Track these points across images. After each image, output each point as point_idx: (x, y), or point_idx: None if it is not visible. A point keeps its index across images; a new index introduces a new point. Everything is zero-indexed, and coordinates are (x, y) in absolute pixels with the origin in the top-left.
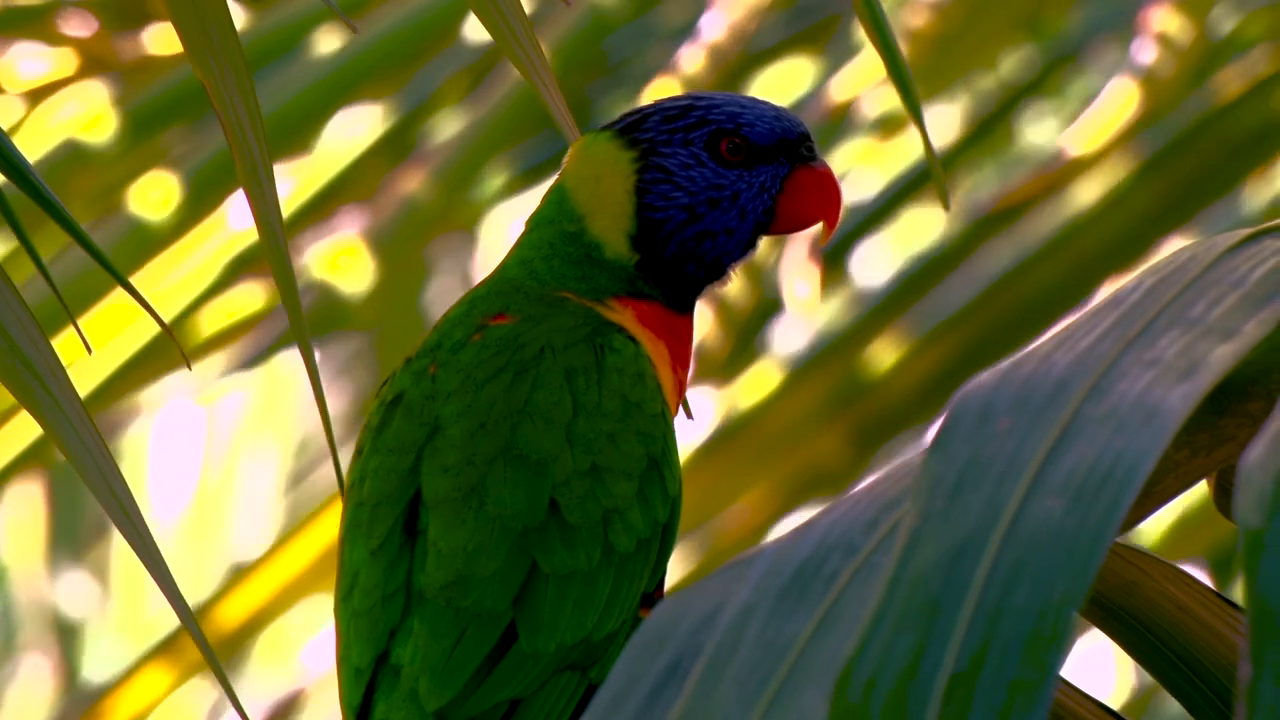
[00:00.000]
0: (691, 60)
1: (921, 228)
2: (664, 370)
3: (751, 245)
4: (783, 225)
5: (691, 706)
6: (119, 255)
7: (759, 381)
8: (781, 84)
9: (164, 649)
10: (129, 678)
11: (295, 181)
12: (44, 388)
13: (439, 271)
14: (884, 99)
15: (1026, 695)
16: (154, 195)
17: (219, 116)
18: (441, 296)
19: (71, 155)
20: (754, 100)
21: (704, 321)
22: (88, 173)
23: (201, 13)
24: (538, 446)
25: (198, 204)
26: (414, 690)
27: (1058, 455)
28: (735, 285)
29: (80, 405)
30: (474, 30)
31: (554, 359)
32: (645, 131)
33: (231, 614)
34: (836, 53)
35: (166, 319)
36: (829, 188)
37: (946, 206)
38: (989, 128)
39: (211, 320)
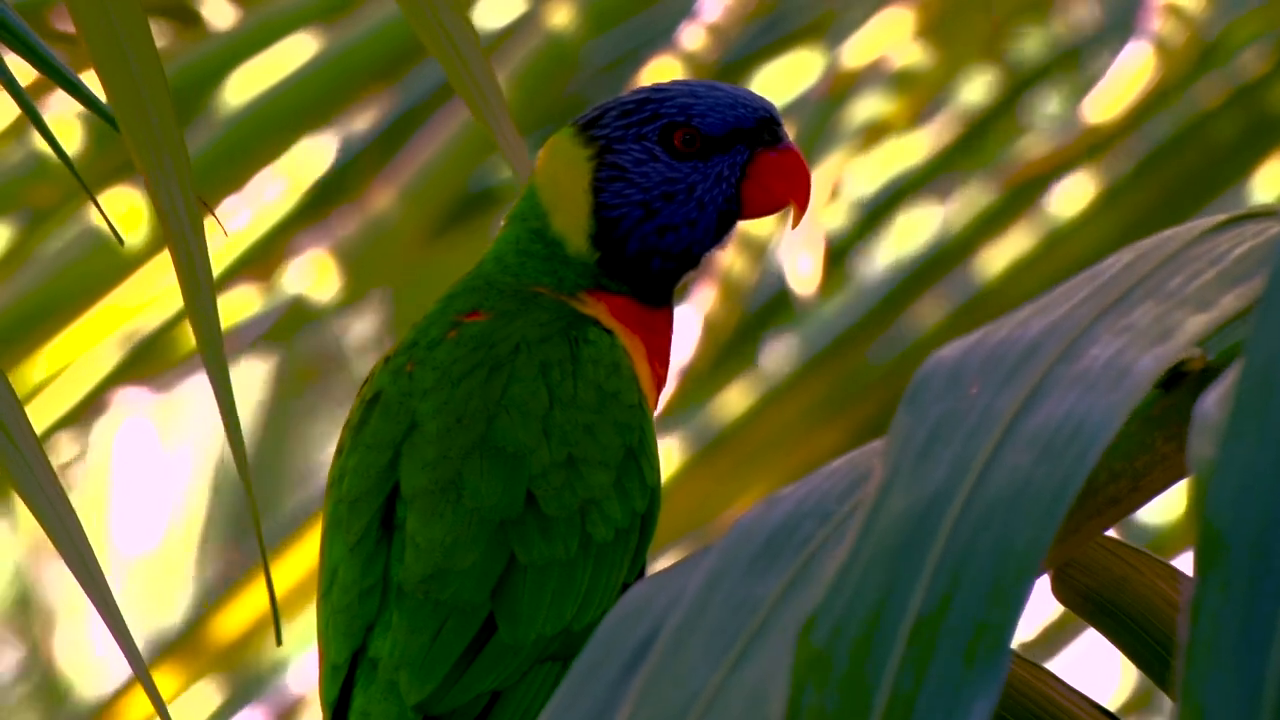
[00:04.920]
0: (691, 43)
1: (923, 222)
2: (641, 364)
3: (722, 234)
4: (751, 211)
5: (659, 666)
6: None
7: (760, 379)
8: (783, 79)
9: (171, 652)
10: (134, 684)
11: (284, 186)
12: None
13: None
14: (884, 96)
15: (991, 636)
16: (124, 209)
17: (142, 174)
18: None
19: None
20: (712, 88)
21: (706, 318)
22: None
23: (128, 69)
24: (514, 439)
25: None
26: (393, 683)
27: (1028, 412)
28: (732, 283)
29: (37, 446)
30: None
31: (529, 353)
32: (602, 128)
33: (246, 612)
34: (834, 46)
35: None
36: (792, 170)
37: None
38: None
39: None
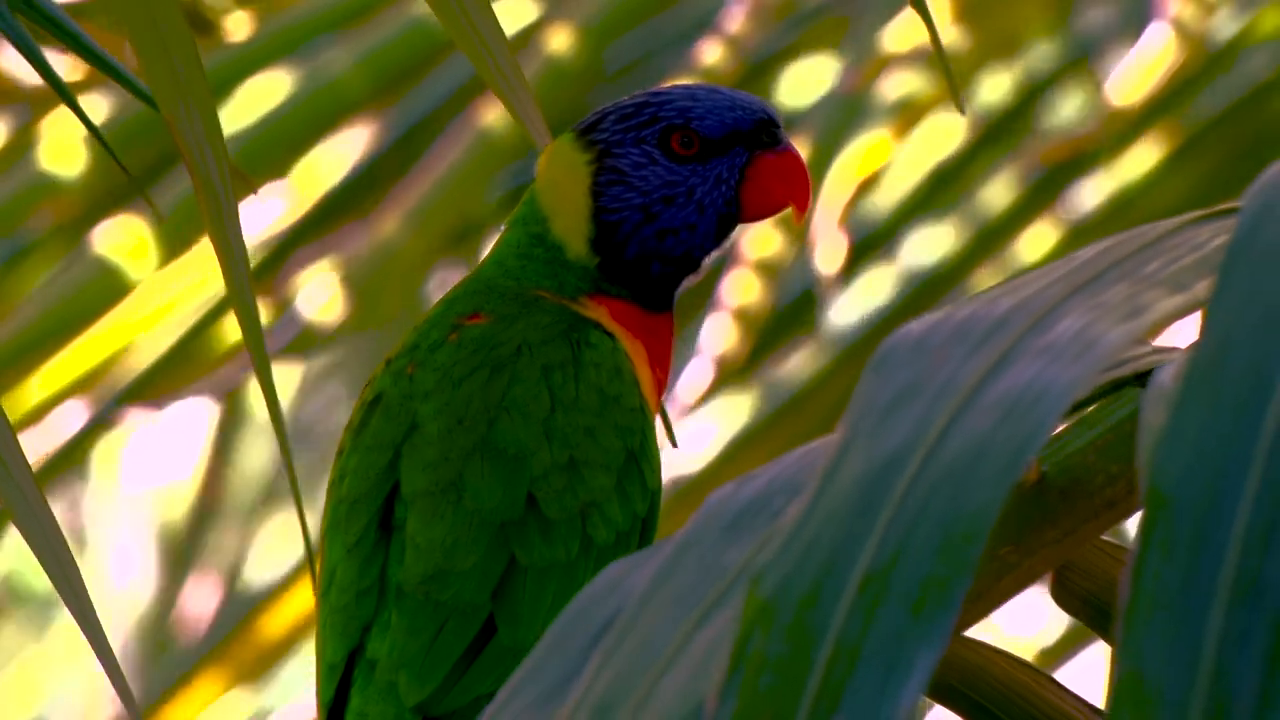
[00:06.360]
0: (710, 55)
1: (956, 215)
2: (642, 368)
3: (721, 236)
4: (750, 213)
5: (625, 627)
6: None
7: (806, 362)
8: (801, 83)
9: (211, 659)
10: (177, 689)
11: (287, 201)
12: None
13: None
14: (908, 86)
15: (939, 591)
16: (131, 239)
17: (185, 157)
18: None
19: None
20: (711, 91)
21: (747, 306)
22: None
23: (167, 48)
24: (515, 441)
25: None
26: (392, 684)
27: (992, 380)
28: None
29: (31, 478)
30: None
31: (531, 355)
32: (601, 133)
33: (278, 623)
34: (853, 51)
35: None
36: (791, 172)
37: (961, 110)
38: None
39: (230, 332)
